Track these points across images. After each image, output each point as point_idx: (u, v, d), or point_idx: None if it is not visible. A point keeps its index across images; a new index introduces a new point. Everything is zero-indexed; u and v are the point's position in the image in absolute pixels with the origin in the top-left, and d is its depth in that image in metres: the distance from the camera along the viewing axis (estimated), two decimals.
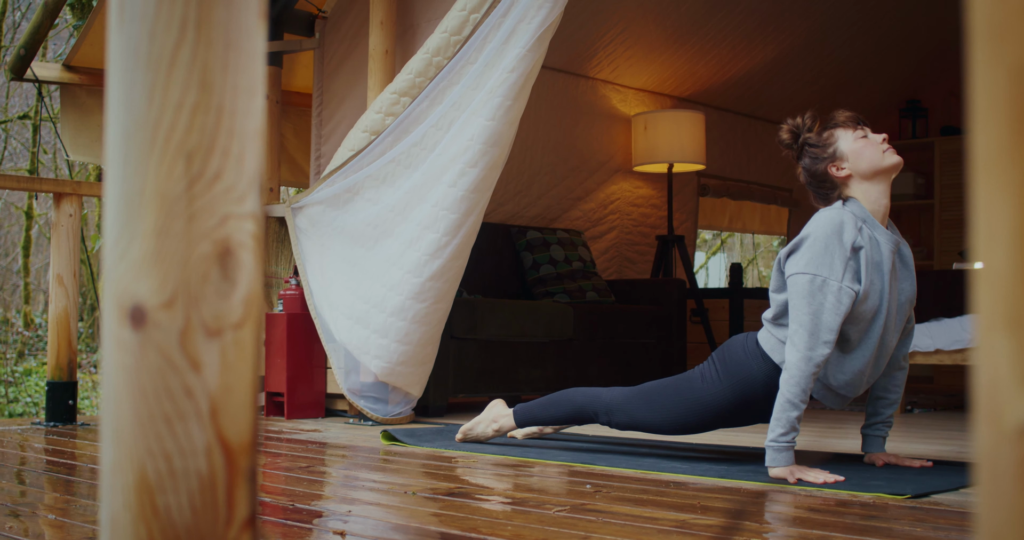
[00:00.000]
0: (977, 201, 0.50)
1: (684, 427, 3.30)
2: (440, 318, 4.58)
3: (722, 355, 3.24)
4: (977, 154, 0.50)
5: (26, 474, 3.17)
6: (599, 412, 3.44)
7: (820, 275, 2.92)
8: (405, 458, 3.47)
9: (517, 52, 4.27)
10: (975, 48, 0.50)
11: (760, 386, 3.13)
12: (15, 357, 12.00)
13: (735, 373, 3.17)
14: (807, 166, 3.16)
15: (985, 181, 0.49)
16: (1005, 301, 0.48)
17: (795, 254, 3.00)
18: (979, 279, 0.50)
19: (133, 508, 0.78)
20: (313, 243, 4.83)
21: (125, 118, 0.80)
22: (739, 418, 3.25)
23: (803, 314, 2.92)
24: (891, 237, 3.05)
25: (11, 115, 12.78)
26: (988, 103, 0.49)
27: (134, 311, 0.78)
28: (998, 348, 0.49)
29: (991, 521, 0.49)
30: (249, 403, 0.80)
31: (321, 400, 5.01)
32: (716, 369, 3.22)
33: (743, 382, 3.15)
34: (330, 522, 2.32)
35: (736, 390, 3.17)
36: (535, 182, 6.55)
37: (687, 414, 3.25)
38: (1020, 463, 0.48)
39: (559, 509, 2.44)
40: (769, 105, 8.03)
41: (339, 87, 5.41)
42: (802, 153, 3.17)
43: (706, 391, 3.22)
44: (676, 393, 3.28)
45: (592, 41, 6.57)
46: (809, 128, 3.17)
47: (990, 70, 0.49)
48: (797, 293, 2.94)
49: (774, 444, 2.91)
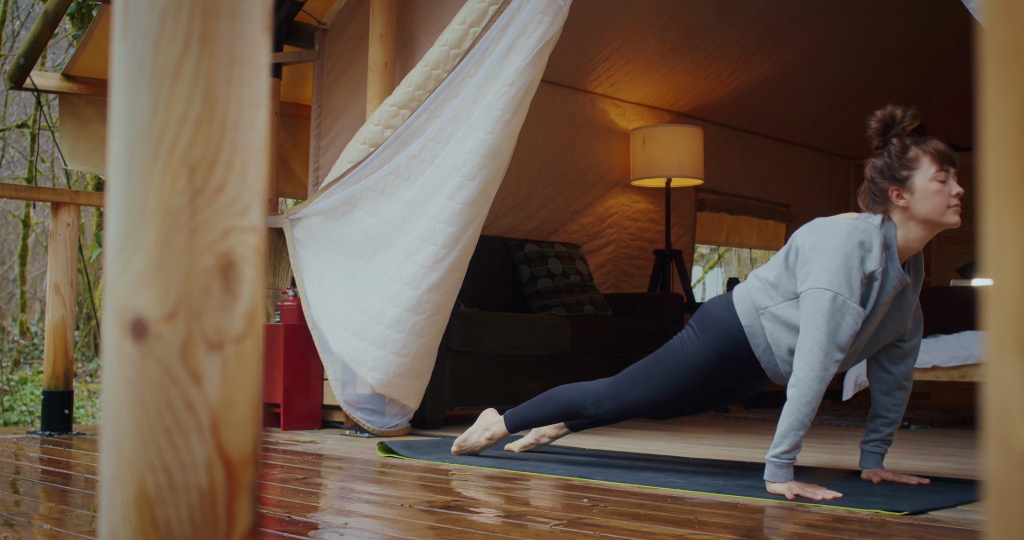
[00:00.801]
0: (987, 224, 0.50)
1: (672, 397, 3.29)
2: (437, 330, 4.58)
3: (699, 316, 3.26)
4: (987, 177, 0.50)
5: (21, 483, 3.16)
6: (587, 404, 3.44)
7: (842, 295, 2.89)
8: (401, 470, 3.47)
9: (516, 66, 4.28)
10: (986, 71, 0.50)
11: (739, 336, 3.14)
12: (11, 365, 11.97)
13: (712, 327, 3.18)
14: (877, 167, 3.04)
15: (995, 204, 0.49)
16: (1015, 325, 0.48)
17: (812, 263, 2.94)
18: (989, 303, 0.50)
19: (133, 521, 0.77)
20: (311, 255, 4.83)
21: (128, 130, 0.80)
22: (726, 376, 3.24)
23: (820, 332, 2.88)
24: (902, 276, 3.01)
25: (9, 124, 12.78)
26: (999, 126, 0.49)
27: (135, 324, 0.78)
28: (1008, 372, 0.49)
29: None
30: (250, 417, 0.80)
31: (318, 411, 5.00)
32: (694, 330, 3.23)
33: (722, 335, 3.16)
34: (326, 534, 2.31)
35: (716, 345, 3.17)
36: (533, 195, 6.55)
37: (673, 382, 3.25)
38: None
39: (556, 523, 2.44)
40: (767, 121, 8.04)
41: (338, 99, 5.42)
42: (881, 151, 3.05)
43: (687, 353, 3.22)
44: (659, 365, 3.29)
45: (591, 55, 6.59)
46: (903, 128, 3.02)
47: (1001, 93, 0.49)
48: (815, 309, 2.90)
49: (776, 460, 2.91)
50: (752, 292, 3.14)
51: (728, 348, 3.16)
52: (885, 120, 3.05)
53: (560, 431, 3.73)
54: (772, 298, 3.08)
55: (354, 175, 4.68)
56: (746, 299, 3.15)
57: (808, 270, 2.96)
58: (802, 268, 2.98)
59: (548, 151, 6.63)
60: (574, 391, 3.50)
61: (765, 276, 3.12)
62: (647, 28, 6.58)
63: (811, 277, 2.94)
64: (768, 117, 8.00)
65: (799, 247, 3.02)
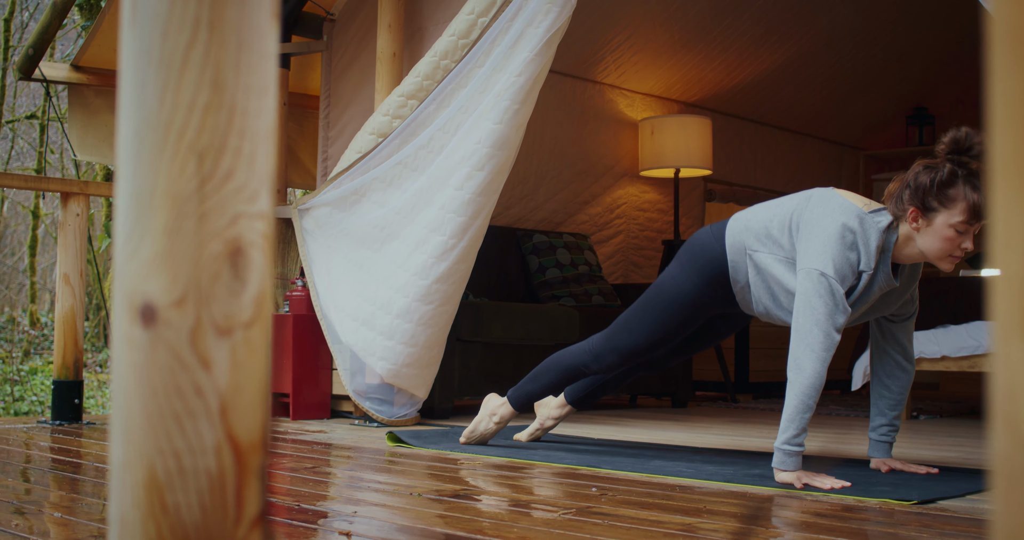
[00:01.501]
0: (996, 208, 0.50)
1: (669, 333, 3.34)
2: (446, 320, 4.59)
3: (688, 248, 3.32)
4: (996, 161, 0.50)
5: (31, 472, 3.17)
6: (588, 363, 3.50)
7: (838, 278, 2.92)
8: (410, 460, 3.48)
9: (524, 56, 4.28)
10: (995, 54, 0.50)
11: (723, 266, 3.20)
12: (21, 356, 12.02)
13: (700, 257, 3.24)
14: (917, 182, 2.92)
15: (1004, 188, 0.49)
16: (1022, 306, 0.48)
17: (812, 241, 2.95)
18: (996, 286, 0.50)
19: (142, 506, 0.78)
20: (320, 245, 4.84)
21: (137, 117, 0.80)
22: (714, 304, 3.29)
23: (820, 313, 2.90)
24: (890, 280, 3.02)
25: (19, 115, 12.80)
26: (1007, 110, 0.49)
27: (145, 310, 0.79)
28: (1015, 355, 0.49)
29: (1007, 526, 0.49)
30: (259, 402, 0.81)
31: (327, 401, 5.01)
32: (681, 263, 3.30)
33: (708, 264, 3.22)
34: (335, 523, 2.32)
35: (703, 273, 3.23)
36: (542, 186, 6.55)
37: (667, 317, 3.31)
38: None
39: (564, 512, 2.44)
40: (776, 111, 8.02)
41: (346, 89, 5.42)
42: (935, 165, 2.93)
43: (676, 288, 3.28)
44: (651, 304, 3.34)
45: (600, 46, 6.57)
46: (971, 156, 2.91)
47: (1010, 76, 0.49)
48: (814, 291, 2.91)
49: (786, 447, 2.91)
50: (747, 235, 3.16)
51: (713, 275, 3.22)
52: (956, 142, 2.92)
53: (563, 410, 3.77)
54: (765, 246, 3.11)
55: (362, 165, 4.68)
56: (739, 238, 3.19)
57: (808, 247, 2.97)
58: (801, 242, 3.00)
59: (557, 141, 6.63)
60: (571, 355, 3.56)
61: (767, 225, 3.12)
62: (656, 18, 6.56)
63: (810, 256, 2.95)
64: (777, 107, 7.98)
65: (800, 220, 3.04)
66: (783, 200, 3.17)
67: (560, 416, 3.78)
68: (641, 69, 6.97)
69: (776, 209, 3.14)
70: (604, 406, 6.20)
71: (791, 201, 3.12)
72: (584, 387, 3.73)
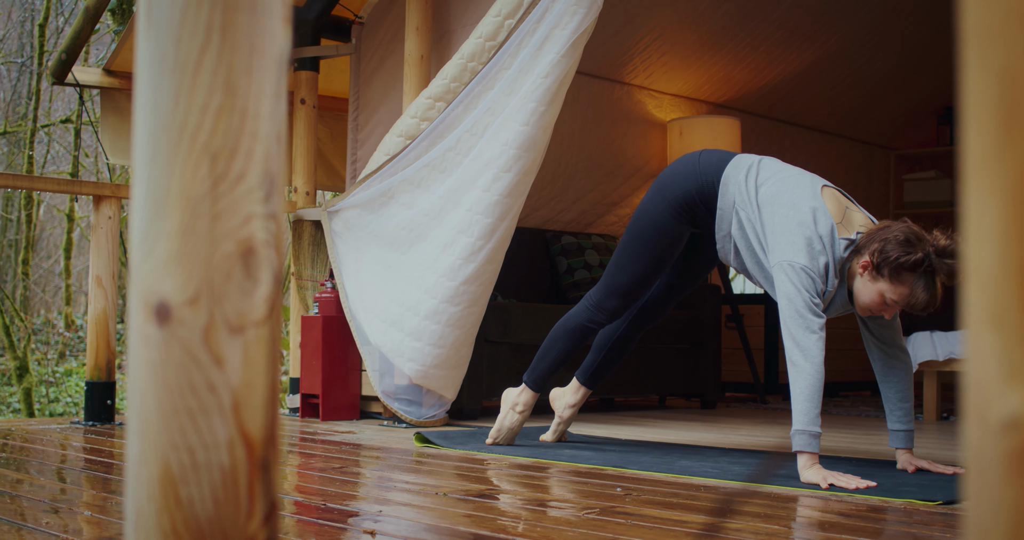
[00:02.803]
0: (968, 201, 0.51)
1: (659, 260, 3.52)
2: (474, 322, 4.60)
3: (659, 177, 3.54)
4: (968, 155, 0.51)
5: (64, 472, 3.21)
6: (592, 318, 3.65)
7: (811, 268, 3.01)
8: (438, 460, 3.50)
9: (551, 58, 4.29)
10: (967, 52, 0.51)
11: (708, 199, 3.37)
12: (56, 358, 12.13)
13: (683, 183, 3.43)
14: (889, 247, 2.96)
15: (975, 182, 0.50)
16: (992, 299, 0.49)
17: (782, 237, 3.07)
18: (968, 277, 0.51)
19: (157, 500, 0.80)
20: (348, 246, 4.87)
21: (152, 121, 0.82)
22: (697, 221, 3.46)
23: (799, 300, 2.99)
24: (846, 304, 3.17)
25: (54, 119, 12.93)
26: (978, 105, 0.50)
27: (159, 308, 0.81)
28: (984, 345, 0.50)
29: (978, 514, 0.50)
30: (270, 398, 0.82)
31: (356, 402, 5.04)
32: (654, 191, 3.51)
33: (686, 193, 3.41)
34: (363, 522, 2.34)
35: (679, 199, 3.42)
36: (570, 187, 6.56)
37: (652, 246, 3.49)
38: (1005, 457, 0.49)
39: (588, 511, 2.45)
40: (806, 111, 8.00)
41: (375, 92, 5.45)
42: (911, 251, 2.96)
43: (654, 218, 3.48)
44: (633, 239, 3.53)
45: (627, 47, 6.58)
46: (945, 264, 2.95)
47: (980, 73, 0.50)
48: (791, 282, 3.01)
49: (810, 428, 2.93)
50: (741, 196, 3.27)
51: (686, 203, 3.41)
52: (931, 246, 2.97)
53: (579, 394, 3.85)
54: (751, 218, 3.23)
55: (391, 167, 4.71)
56: (733, 192, 3.30)
57: (776, 243, 3.08)
58: (770, 237, 3.12)
59: (585, 143, 6.63)
60: (574, 316, 3.70)
61: (761, 198, 3.22)
62: (683, 19, 6.56)
63: (779, 251, 3.06)
64: (806, 107, 7.95)
65: (768, 212, 3.18)
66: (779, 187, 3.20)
67: (577, 401, 3.84)
68: (669, 70, 6.97)
69: (775, 195, 3.19)
70: (632, 407, 6.21)
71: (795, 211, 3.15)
72: (592, 363, 3.81)
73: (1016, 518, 0.48)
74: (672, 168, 3.52)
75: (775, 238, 3.09)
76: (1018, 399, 0.49)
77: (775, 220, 3.10)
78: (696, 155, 3.48)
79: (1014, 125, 0.48)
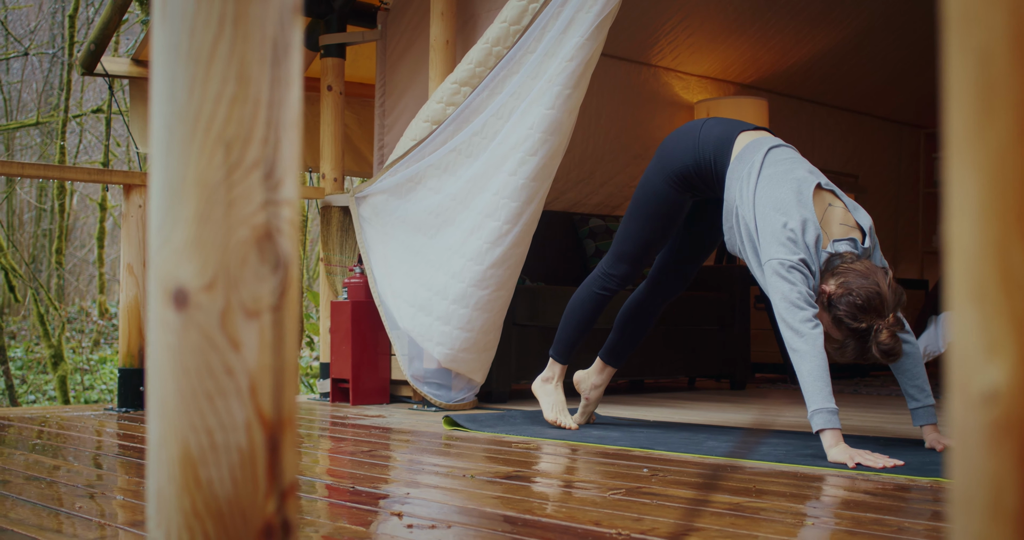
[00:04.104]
0: (950, 179, 0.52)
1: (663, 228, 3.63)
2: (502, 305, 4.62)
3: (662, 144, 3.64)
4: (950, 134, 0.52)
5: (99, 458, 3.26)
6: (605, 285, 3.76)
7: (800, 265, 3.07)
8: (466, 443, 3.52)
9: (576, 41, 4.29)
10: (949, 33, 0.52)
11: (691, 165, 3.48)
12: (91, 345, 12.25)
13: (666, 156, 3.55)
14: (852, 297, 3.03)
15: (957, 160, 0.51)
16: (972, 274, 0.50)
17: (772, 238, 3.10)
18: (950, 253, 0.52)
19: (177, 480, 0.82)
20: (376, 232, 4.90)
21: (168, 110, 0.84)
22: (697, 188, 3.54)
23: (792, 294, 3.03)
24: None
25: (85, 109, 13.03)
26: (959, 86, 0.51)
27: (177, 293, 0.83)
28: (966, 319, 0.51)
29: (961, 484, 0.52)
30: (287, 380, 0.84)
31: (386, 386, 5.07)
32: (656, 161, 3.61)
33: (681, 169, 3.50)
34: (392, 504, 2.37)
35: (668, 171, 3.53)
36: (598, 170, 6.56)
37: (654, 214, 3.60)
38: (985, 429, 0.50)
39: (613, 492, 2.47)
40: (834, 91, 7.96)
41: (401, 78, 5.46)
42: (864, 321, 3.04)
43: (652, 185, 3.59)
44: (637, 207, 3.65)
45: (654, 29, 6.56)
46: (879, 341, 3.04)
47: (960, 54, 0.51)
48: (782, 277, 3.06)
49: (827, 405, 2.94)
50: (741, 195, 3.29)
51: (687, 174, 3.51)
52: (885, 347, 3.04)
53: (604, 374, 3.92)
54: (746, 217, 3.25)
55: (417, 153, 4.73)
56: (734, 190, 3.33)
57: (767, 243, 3.13)
58: (761, 236, 3.16)
59: (612, 125, 6.63)
60: (585, 288, 3.82)
61: (764, 224, 3.22)
62: (709, 0, 6.54)
63: (770, 250, 3.11)
64: (834, 87, 7.91)
65: (747, 215, 3.24)
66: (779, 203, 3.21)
67: (602, 382, 3.89)
68: (696, 51, 6.95)
69: (775, 215, 3.19)
70: (662, 389, 6.22)
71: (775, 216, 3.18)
72: (615, 340, 3.86)
73: (996, 488, 0.49)
74: (674, 138, 3.60)
75: (765, 238, 3.14)
76: (998, 372, 0.50)
77: (766, 222, 3.15)
78: (699, 126, 3.54)
79: (992, 105, 0.49)
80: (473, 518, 2.22)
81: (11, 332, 12.61)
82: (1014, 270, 0.49)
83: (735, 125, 3.48)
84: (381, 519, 2.22)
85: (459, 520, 2.19)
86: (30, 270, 12.27)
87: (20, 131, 13.23)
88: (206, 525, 0.81)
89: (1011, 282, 0.49)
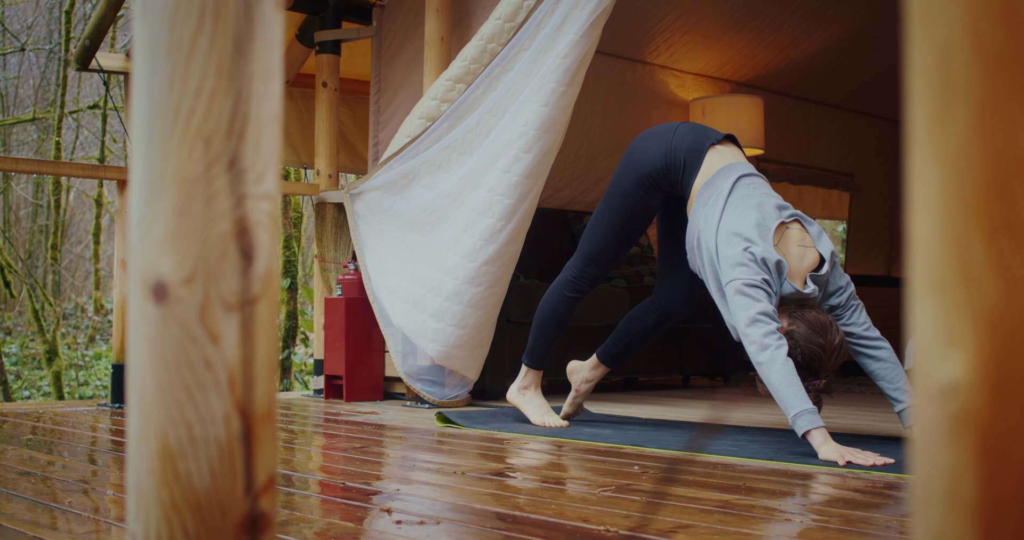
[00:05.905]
0: (912, 172, 0.52)
1: (630, 228, 3.65)
2: (496, 302, 4.63)
3: (633, 144, 3.64)
4: (912, 129, 0.52)
5: (92, 453, 3.26)
6: (580, 288, 3.77)
7: (761, 284, 3.09)
8: (459, 440, 3.52)
9: (570, 38, 4.29)
10: (910, 28, 0.52)
11: (660, 168, 3.50)
12: (86, 341, 12.25)
13: (637, 158, 3.56)
14: (811, 348, 3.11)
15: (918, 154, 0.52)
16: (931, 267, 0.51)
17: (733, 260, 3.13)
18: (911, 247, 0.53)
19: (156, 473, 0.82)
20: (371, 228, 4.90)
21: (148, 104, 0.84)
22: (667, 190, 3.57)
23: (753, 310, 3.05)
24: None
25: (82, 105, 13.01)
26: (920, 80, 0.52)
27: (156, 287, 0.83)
28: (926, 311, 0.52)
29: (921, 477, 0.52)
30: (266, 374, 0.84)
31: (379, 383, 5.08)
32: (626, 160, 3.61)
33: (649, 173, 3.52)
34: (383, 501, 2.37)
35: (639, 173, 3.54)
36: (593, 167, 6.56)
37: (623, 214, 3.62)
38: (944, 421, 0.50)
39: (603, 489, 2.47)
40: (830, 89, 7.96)
41: (396, 74, 5.46)
42: (815, 373, 3.15)
43: (622, 187, 3.60)
44: (606, 208, 3.67)
45: (649, 26, 6.56)
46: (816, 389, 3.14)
47: (921, 48, 0.51)
48: (744, 295, 3.07)
49: (805, 407, 2.95)
50: (705, 220, 3.32)
51: (656, 177, 3.53)
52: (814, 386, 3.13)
53: (597, 371, 3.93)
54: (708, 244, 3.27)
55: (412, 149, 4.73)
56: (699, 216, 3.35)
57: (728, 267, 3.15)
58: (722, 261, 3.19)
59: (607, 123, 6.63)
60: (557, 292, 3.82)
61: (727, 227, 3.24)
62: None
63: (731, 273, 3.13)
64: (830, 85, 7.91)
65: (709, 244, 3.28)
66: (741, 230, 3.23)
67: (594, 378, 3.91)
68: (691, 49, 6.95)
69: (737, 243, 3.21)
70: (655, 387, 6.22)
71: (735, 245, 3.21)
72: (614, 345, 3.85)
73: (954, 480, 0.49)
74: (646, 138, 3.61)
75: (726, 261, 3.16)
76: (957, 365, 0.50)
77: (727, 245, 3.18)
78: (671, 131, 3.55)
79: (952, 99, 0.50)
80: (463, 514, 2.22)
81: (6, 328, 12.61)
82: (973, 264, 0.49)
83: (706, 135, 3.50)
84: (373, 516, 2.23)
85: (449, 516, 2.19)
86: (26, 266, 12.26)
87: (16, 127, 13.23)
88: (184, 518, 0.82)
89: (970, 276, 0.50)
